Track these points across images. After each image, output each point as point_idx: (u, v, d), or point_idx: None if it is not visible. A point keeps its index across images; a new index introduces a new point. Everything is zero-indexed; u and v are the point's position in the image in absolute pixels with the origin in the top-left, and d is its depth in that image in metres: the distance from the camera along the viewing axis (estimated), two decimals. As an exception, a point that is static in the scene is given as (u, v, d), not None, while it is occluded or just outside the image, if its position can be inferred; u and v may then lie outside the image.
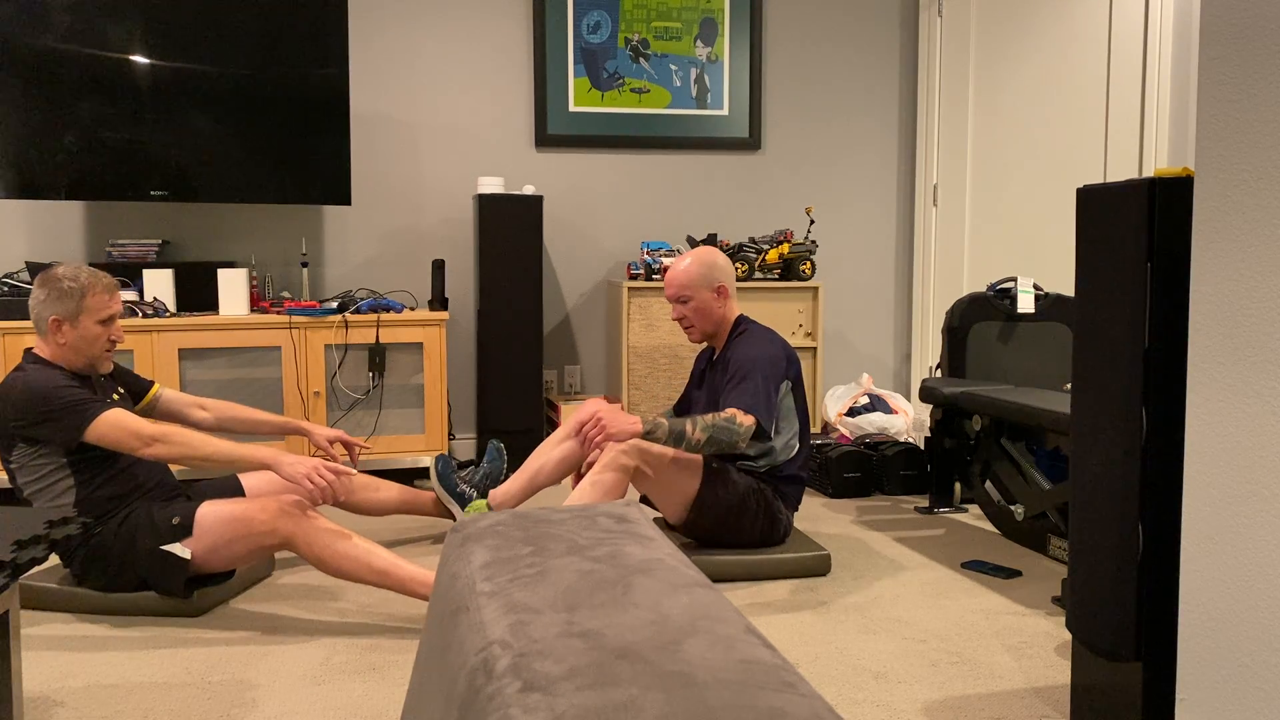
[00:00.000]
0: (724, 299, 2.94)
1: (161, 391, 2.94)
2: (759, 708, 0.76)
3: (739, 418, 2.65)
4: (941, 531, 3.38)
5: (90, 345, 2.61)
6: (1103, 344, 1.81)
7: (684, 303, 2.94)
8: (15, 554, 1.64)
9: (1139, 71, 3.65)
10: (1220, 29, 1.47)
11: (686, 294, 2.92)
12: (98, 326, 2.61)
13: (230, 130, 3.96)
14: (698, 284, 2.91)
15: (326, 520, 2.49)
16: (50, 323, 2.58)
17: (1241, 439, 1.45)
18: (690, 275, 2.91)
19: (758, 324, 2.96)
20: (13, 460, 2.56)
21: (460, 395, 4.55)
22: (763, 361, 2.77)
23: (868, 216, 4.90)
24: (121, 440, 2.50)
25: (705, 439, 2.61)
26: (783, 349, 2.86)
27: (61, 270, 2.61)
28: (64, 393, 2.51)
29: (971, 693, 2.13)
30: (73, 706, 2.08)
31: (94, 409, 2.51)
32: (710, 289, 2.92)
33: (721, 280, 2.93)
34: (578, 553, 1.14)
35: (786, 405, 2.87)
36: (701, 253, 2.96)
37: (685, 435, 2.61)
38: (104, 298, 2.62)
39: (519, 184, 4.54)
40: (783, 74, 4.76)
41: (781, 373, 2.82)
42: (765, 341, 2.85)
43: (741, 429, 2.64)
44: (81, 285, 2.59)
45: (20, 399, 2.50)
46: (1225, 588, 1.49)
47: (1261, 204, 1.41)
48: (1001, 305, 3.78)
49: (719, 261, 2.95)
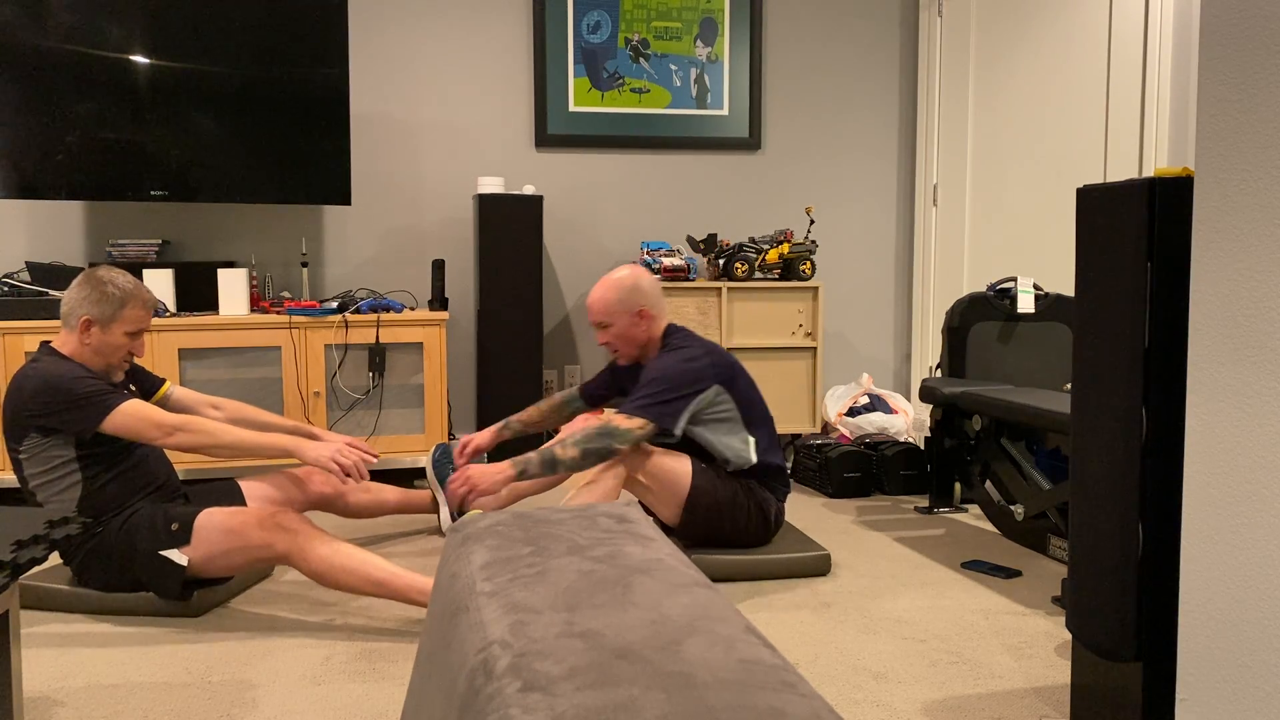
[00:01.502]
0: (646, 320, 2.92)
1: (173, 389, 2.94)
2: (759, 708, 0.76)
3: (621, 423, 2.68)
4: (941, 531, 3.38)
5: (112, 353, 2.63)
6: (1103, 344, 1.81)
7: (605, 328, 2.94)
8: (15, 554, 1.64)
9: (1139, 71, 3.65)
10: (1220, 29, 1.47)
11: (606, 320, 2.92)
12: (124, 338, 2.63)
13: (230, 130, 3.96)
14: (616, 310, 2.91)
15: (323, 532, 2.49)
16: (81, 321, 2.59)
17: (1241, 439, 1.45)
18: (608, 302, 2.91)
19: (687, 337, 2.93)
20: (22, 451, 2.56)
21: (460, 395, 4.55)
22: (671, 371, 2.77)
23: (868, 216, 4.90)
24: (142, 430, 2.51)
25: (579, 454, 2.65)
26: (706, 358, 2.83)
27: (108, 274, 2.63)
28: (84, 383, 2.52)
29: (971, 693, 2.13)
30: (73, 706, 2.08)
31: (114, 399, 2.52)
32: (630, 313, 2.90)
33: (642, 303, 2.90)
34: (578, 553, 1.14)
35: (724, 409, 2.84)
36: (623, 277, 2.93)
37: (558, 459, 2.64)
38: (141, 312, 2.65)
39: (519, 184, 4.54)
40: (782, 74, 4.76)
41: (697, 379, 2.79)
42: (681, 354, 2.83)
43: (621, 431, 2.67)
44: (124, 294, 2.61)
45: (38, 388, 2.50)
46: (1225, 588, 1.49)
47: (1261, 204, 1.41)
48: (1001, 305, 3.78)
49: (640, 284, 2.92)
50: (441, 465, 3.21)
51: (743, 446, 2.86)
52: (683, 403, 2.76)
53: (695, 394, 2.78)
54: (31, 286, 3.79)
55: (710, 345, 2.89)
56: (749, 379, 2.92)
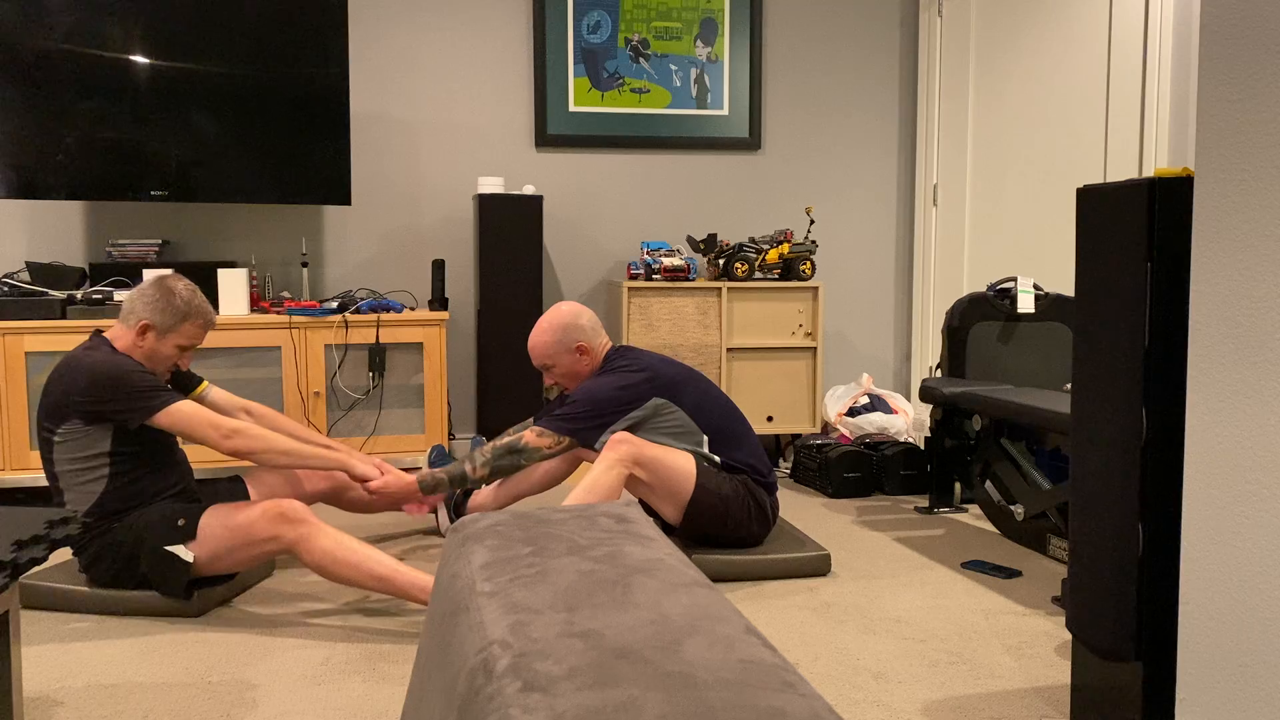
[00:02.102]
0: (587, 355, 2.98)
1: (210, 389, 2.95)
2: (759, 708, 0.76)
3: (531, 441, 2.78)
4: (941, 531, 3.38)
5: (160, 361, 2.67)
6: (1103, 344, 1.81)
7: (549, 370, 3.01)
8: (15, 554, 1.64)
9: (1139, 71, 3.65)
10: (1220, 29, 1.47)
11: (549, 362, 2.99)
12: (176, 350, 2.67)
13: (230, 130, 3.96)
14: (556, 351, 2.96)
15: (328, 526, 2.49)
16: (140, 324, 2.62)
17: (1241, 439, 1.45)
18: (547, 346, 2.97)
19: (629, 356, 2.97)
20: (58, 435, 2.56)
21: (460, 395, 4.55)
22: (597, 393, 2.84)
23: (868, 216, 4.90)
24: (200, 430, 2.53)
25: (489, 472, 2.77)
26: (640, 374, 2.88)
27: (180, 285, 2.67)
28: (144, 377, 2.55)
29: (971, 693, 2.13)
30: (73, 706, 2.08)
31: (171, 395, 2.55)
32: (569, 351, 2.96)
33: (579, 339, 2.96)
34: (578, 553, 1.15)
35: (671, 420, 2.89)
36: (556, 317, 2.98)
37: (466, 476, 2.76)
38: (198, 330, 2.69)
39: (519, 184, 4.54)
40: (782, 74, 4.76)
41: (627, 400, 2.85)
42: (614, 376, 2.89)
43: (530, 450, 2.78)
44: (188, 309, 2.66)
45: (97, 376, 2.50)
46: (1225, 588, 1.49)
47: (1261, 204, 1.41)
48: (1001, 305, 3.78)
49: (576, 321, 2.97)
50: (440, 466, 3.22)
51: (698, 449, 2.90)
52: (604, 420, 2.83)
53: (621, 413, 2.84)
54: (31, 286, 3.80)
55: (650, 362, 2.93)
56: (704, 388, 2.95)
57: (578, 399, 2.85)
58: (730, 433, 2.93)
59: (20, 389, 3.63)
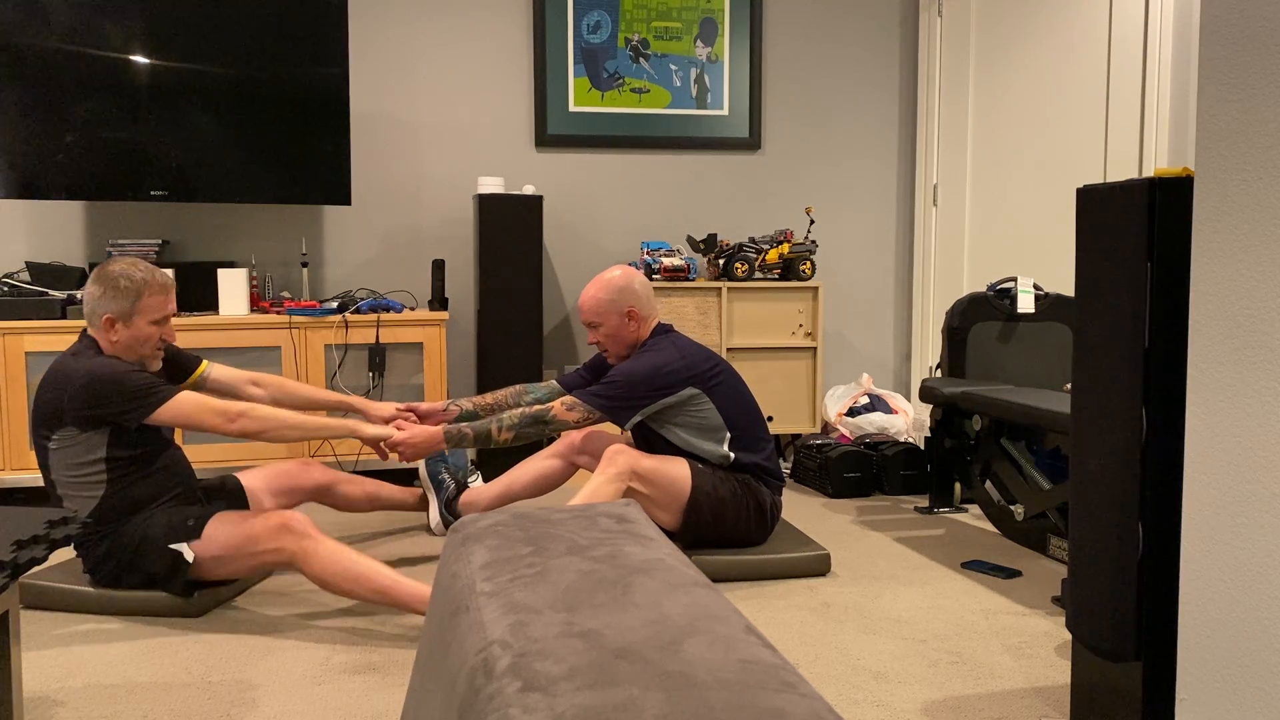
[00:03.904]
0: (636, 322, 2.95)
1: (211, 368, 2.91)
2: (759, 708, 0.76)
3: (559, 414, 2.79)
4: (941, 531, 3.38)
5: (142, 345, 2.61)
6: (1103, 344, 1.81)
7: (595, 328, 2.98)
8: (15, 554, 1.64)
9: (1139, 71, 3.65)
10: (1220, 29, 1.47)
11: (597, 320, 2.96)
12: (151, 327, 2.60)
13: (230, 130, 3.96)
14: (607, 310, 2.94)
15: (329, 539, 2.49)
16: (104, 321, 2.57)
17: (1241, 439, 1.45)
18: (599, 302, 2.94)
19: (671, 337, 2.95)
20: (53, 442, 2.53)
21: (460, 395, 4.55)
22: (635, 373, 2.82)
23: (868, 216, 4.90)
24: (204, 418, 2.52)
25: (513, 436, 2.80)
26: (680, 362, 2.85)
27: (117, 267, 2.58)
28: (137, 377, 2.52)
29: (971, 693, 2.13)
30: (73, 706, 2.08)
31: (168, 390, 2.53)
32: (620, 314, 2.94)
33: (632, 304, 2.94)
34: (578, 553, 1.14)
35: (701, 411, 2.87)
36: (614, 277, 2.96)
37: (491, 435, 2.79)
38: (159, 299, 2.61)
39: (519, 184, 4.54)
40: (782, 74, 4.76)
41: (662, 384, 2.83)
42: (654, 356, 2.87)
43: (556, 421, 2.80)
44: (136, 285, 2.57)
45: (91, 381, 2.47)
46: (1225, 588, 1.49)
47: (1261, 204, 1.41)
48: (1001, 305, 3.78)
49: (632, 285, 2.95)
50: (434, 464, 3.22)
51: (717, 447, 2.89)
52: (639, 403, 2.82)
53: (655, 397, 2.82)
54: (31, 286, 3.80)
55: (690, 349, 2.90)
56: (735, 385, 2.93)
57: (615, 379, 2.82)
58: (751, 434, 2.93)
59: (20, 389, 3.63)
